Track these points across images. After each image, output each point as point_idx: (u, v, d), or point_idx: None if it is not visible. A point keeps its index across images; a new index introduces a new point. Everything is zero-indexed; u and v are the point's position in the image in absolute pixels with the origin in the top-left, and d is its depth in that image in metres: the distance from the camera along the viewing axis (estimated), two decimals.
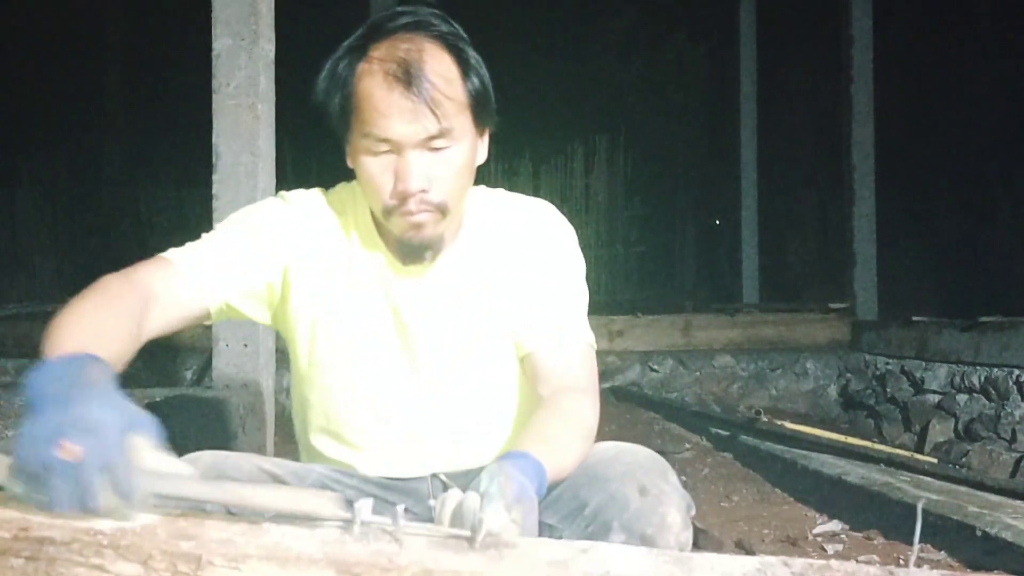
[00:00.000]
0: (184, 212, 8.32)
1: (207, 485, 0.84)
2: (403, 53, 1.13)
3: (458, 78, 1.16)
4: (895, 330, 5.30)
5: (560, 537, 1.12)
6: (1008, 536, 2.15)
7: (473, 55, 1.19)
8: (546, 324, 1.27)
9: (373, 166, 1.16)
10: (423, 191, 1.15)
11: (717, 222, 9.45)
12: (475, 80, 1.18)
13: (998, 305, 4.97)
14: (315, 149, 8.13)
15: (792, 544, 2.53)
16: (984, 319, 4.44)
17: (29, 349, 5.59)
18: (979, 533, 2.21)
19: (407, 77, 1.12)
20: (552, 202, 1.39)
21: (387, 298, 1.26)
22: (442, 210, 1.18)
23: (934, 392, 4.73)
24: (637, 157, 8.15)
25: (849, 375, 5.58)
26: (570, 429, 1.16)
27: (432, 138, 1.14)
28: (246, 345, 2.92)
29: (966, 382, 4.47)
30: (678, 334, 5.74)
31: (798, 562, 0.74)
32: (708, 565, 0.75)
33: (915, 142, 7.87)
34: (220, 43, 2.93)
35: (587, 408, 1.21)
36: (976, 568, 2.15)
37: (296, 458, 1.40)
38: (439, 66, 1.14)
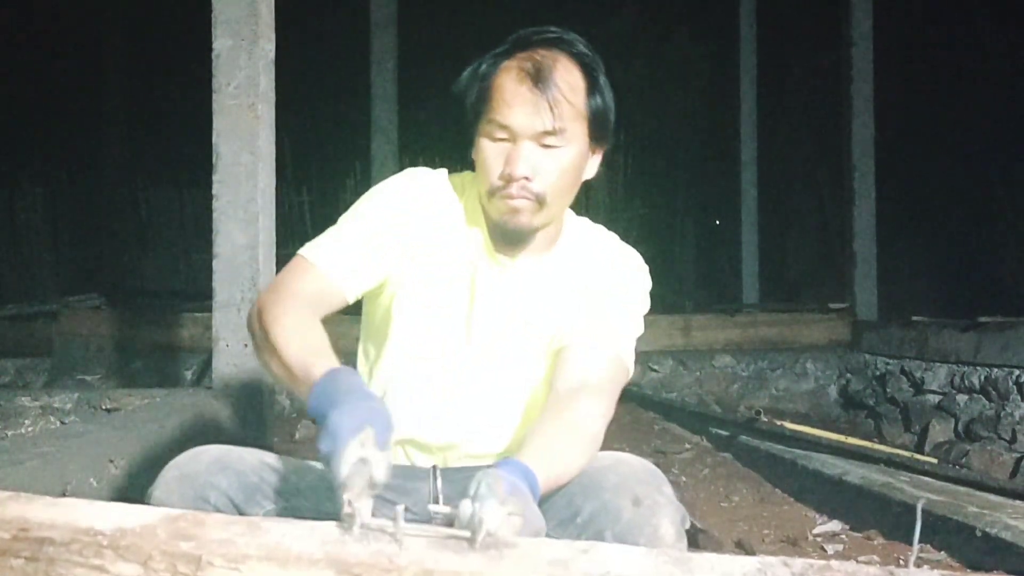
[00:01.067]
0: (184, 212, 8.32)
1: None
2: (540, 58, 1.26)
3: (583, 91, 1.27)
4: (895, 330, 5.30)
5: None
6: (1008, 536, 2.15)
7: (603, 79, 1.30)
8: (591, 328, 1.34)
9: (489, 149, 1.28)
10: (527, 179, 1.25)
11: (717, 222, 9.45)
12: (598, 98, 1.29)
13: (998, 305, 4.97)
14: (315, 149, 8.13)
15: (792, 544, 2.53)
16: (984, 319, 4.44)
17: (29, 349, 5.60)
18: (979, 533, 2.21)
19: (537, 76, 1.24)
20: None
21: (471, 276, 1.35)
22: (540, 201, 1.27)
23: (934, 392, 4.73)
24: (637, 157, 8.15)
25: (849, 375, 5.58)
26: (571, 437, 1.19)
27: (546, 134, 1.25)
28: (246, 345, 2.92)
29: (966, 382, 4.47)
30: (678, 334, 5.73)
31: (798, 562, 0.74)
32: (708, 565, 0.75)
33: (915, 142, 7.87)
34: (220, 43, 2.93)
35: (595, 413, 1.24)
36: (976, 568, 2.15)
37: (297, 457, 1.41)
38: (568, 76, 1.26)
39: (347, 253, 1.31)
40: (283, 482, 1.26)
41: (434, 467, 1.34)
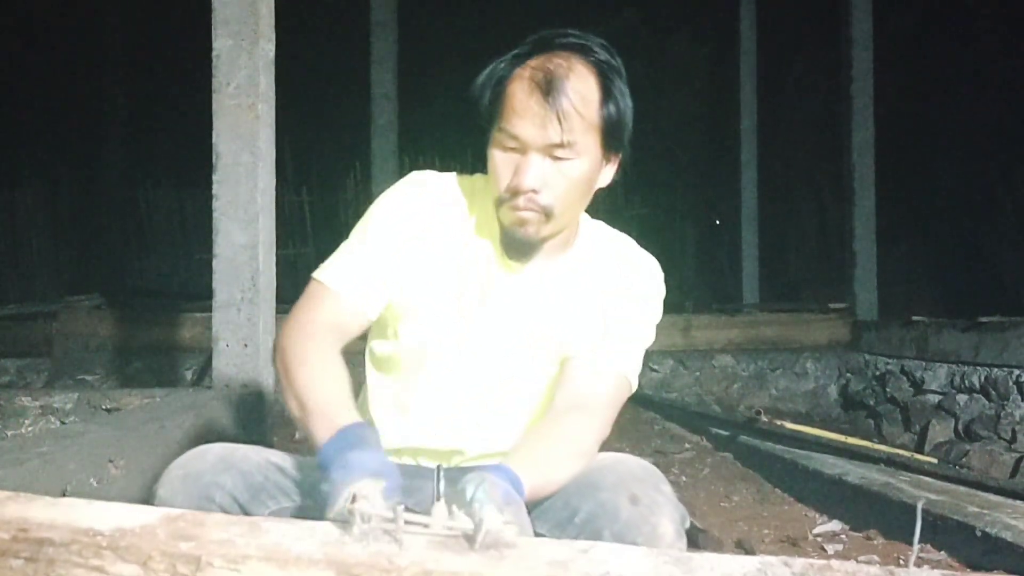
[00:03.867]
0: (184, 212, 8.32)
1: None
2: (553, 67, 1.23)
3: (596, 101, 1.24)
4: (895, 330, 5.30)
5: None
6: (1008, 536, 2.15)
7: (620, 86, 1.26)
8: (598, 345, 1.33)
9: (499, 158, 1.25)
10: (534, 191, 1.23)
11: (717, 222, 9.45)
12: (612, 108, 1.25)
13: (998, 305, 4.97)
14: (315, 149, 8.13)
15: (792, 544, 2.53)
16: (984, 319, 4.44)
17: (29, 349, 5.60)
18: (979, 533, 2.21)
19: (547, 87, 1.21)
20: None
21: (481, 282, 1.34)
22: (547, 213, 1.25)
23: (934, 392, 4.73)
24: (637, 157, 8.14)
25: (849, 375, 5.58)
26: (561, 450, 1.20)
27: (555, 146, 1.22)
28: (246, 345, 2.92)
29: (966, 382, 4.47)
30: (678, 334, 5.73)
31: (798, 562, 0.74)
32: (708, 565, 0.75)
33: (915, 142, 7.87)
34: (220, 43, 2.93)
35: (589, 431, 1.25)
36: (976, 568, 2.15)
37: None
38: (582, 86, 1.22)
39: (362, 271, 1.30)
40: (288, 481, 1.26)
41: (439, 467, 1.33)
